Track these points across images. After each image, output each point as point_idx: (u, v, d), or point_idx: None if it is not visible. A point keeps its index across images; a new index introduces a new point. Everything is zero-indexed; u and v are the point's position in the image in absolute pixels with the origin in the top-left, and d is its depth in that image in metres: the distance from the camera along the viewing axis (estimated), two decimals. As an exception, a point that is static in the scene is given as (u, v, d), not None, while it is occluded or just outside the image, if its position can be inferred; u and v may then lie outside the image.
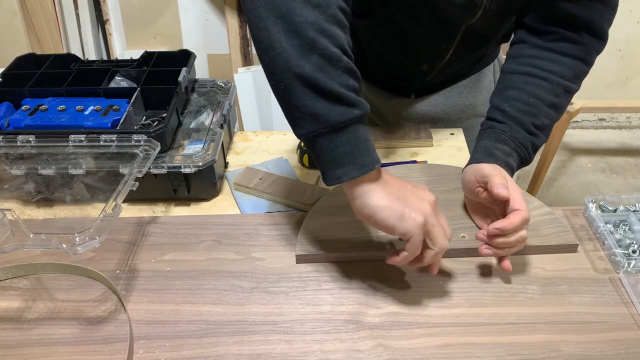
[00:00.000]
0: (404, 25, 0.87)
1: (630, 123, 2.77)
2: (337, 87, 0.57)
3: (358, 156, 0.58)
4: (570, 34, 0.76)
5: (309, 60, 0.56)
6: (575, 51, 0.76)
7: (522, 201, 0.67)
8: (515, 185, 0.69)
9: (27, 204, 0.85)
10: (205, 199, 0.87)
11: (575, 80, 0.76)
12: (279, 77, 0.58)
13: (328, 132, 0.58)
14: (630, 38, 2.45)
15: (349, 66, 0.58)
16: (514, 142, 0.74)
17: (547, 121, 0.75)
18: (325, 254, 0.72)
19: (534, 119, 0.74)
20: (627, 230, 0.77)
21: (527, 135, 0.74)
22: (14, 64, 0.97)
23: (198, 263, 0.73)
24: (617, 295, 0.68)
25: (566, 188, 2.38)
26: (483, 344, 0.62)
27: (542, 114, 0.74)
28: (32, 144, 0.79)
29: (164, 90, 0.90)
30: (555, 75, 0.75)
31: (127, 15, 2.22)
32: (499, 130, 0.75)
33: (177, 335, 0.63)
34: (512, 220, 0.65)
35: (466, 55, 0.96)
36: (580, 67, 0.76)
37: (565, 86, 0.75)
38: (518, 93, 0.76)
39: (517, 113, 0.75)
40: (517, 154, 0.74)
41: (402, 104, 1.07)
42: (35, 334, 0.64)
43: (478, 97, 1.07)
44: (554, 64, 0.76)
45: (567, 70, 0.75)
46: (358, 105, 0.58)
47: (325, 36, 0.57)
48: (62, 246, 0.59)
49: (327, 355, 0.61)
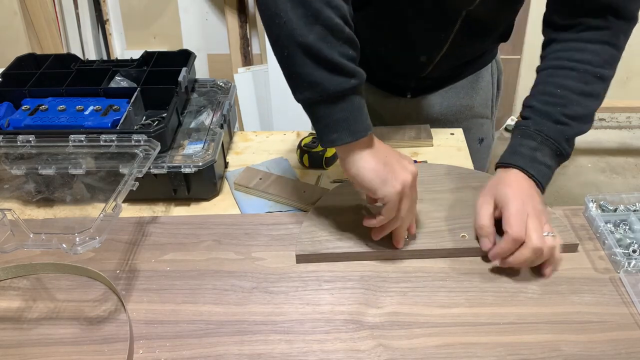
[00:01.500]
0: (402, 13, 0.87)
1: (630, 123, 2.77)
2: (337, 57, 0.60)
3: (352, 123, 0.63)
4: (596, 22, 0.74)
5: (312, 30, 0.59)
6: (602, 37, 0.75)
7: (514, 225, 0.67)
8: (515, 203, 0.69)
9: (27, 204, 0.85)
10: (205, 199, 0.87)
11: (605, 65, 0.75)
12: (282, 44, 0.61)
13: (326, 100, 0.62)
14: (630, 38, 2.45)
15: (350, 36, 0.62)
16: (540, 136, 0.73)
17: (581, 110, 0.74)
18: (325, 254, 0.72)
19: (564, 109, 0.73)
20: (628, 230, 0.77)
21: (554, 126, 0.73)
22: (14, 64, 0.97)
23: (198, 263, 0.73)
24: (617, 295, 0.68)
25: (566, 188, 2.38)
26: (483, 344, 0.62)
27: (573, 103, 0.73)
28: (32, 144, 0.79)
29: (164, 90, 0.90)
30: (582, 64, 0.74)
31: (127, 15, 2.22)
32: (523, 127, 0.75)
33: (177, 335, 0.63)
34: (502, 246, 0.68)
35: (464, 47, 0.96)
36: (609, 51, 0.75)
37: (595, 73, 0.74)
38: (545, 87, 0.76)
39: (543, 106, 0.74)
40: (547, 147, 0.73)
41: (399, 104, 1.07)
42: (35, 334, 0.64)
43: (475, 98, 1.06)
44: (580, 53, 0.75)
45: (595, 56, 0.74)
46: (356, 75, 0.62)
47: (330, 7, 0.60)
48: (62, 246, 0.59)
49: (327, 355, 0.61)
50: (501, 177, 0.73)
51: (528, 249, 0.66)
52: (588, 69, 0.74)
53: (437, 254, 0.73)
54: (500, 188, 0.71)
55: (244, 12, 2.13)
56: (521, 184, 0.71)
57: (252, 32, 2.18)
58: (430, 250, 0.73)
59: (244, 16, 2.14)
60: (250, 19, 2.16)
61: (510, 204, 0.68)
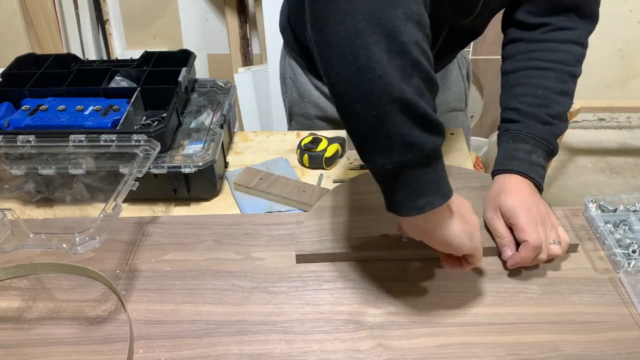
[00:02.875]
0: None
1: (630, 123, 2.77)
2: (430, 112, 0.52)
3: (441, 185, 0.56)
4: (562, 22, 0.76)
5: (409, 83, 0.51)
6: (570, 36, 0.77)
7: (531, 233, 0.67)
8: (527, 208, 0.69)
9: (27, 204, 0.85)
10: (205, 199, 0.87)
11: (576, 64, 0.77)
12: (371, 102, 0.51)
13: (420, 162, 0.54)
14: (630, 38, 2.45)
15: (437, 87, 0.55)
16: (533, 139, 0.74)
17: (560, 109, 0.75)
18: (325, 254, 0.72)
19: (547, 109, 0.74)
20: (627, 230, 0.77)
21: (543, 127, 0.74)
22: (14, 64, 0.97)
23: (198, 263, 0.73)
24: (617, 295, 0.68)
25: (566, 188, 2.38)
26: (483, 344, 0.62)
27: (554, 103, 0.75)
28: (32, 144, 0.79)
29: (164, 90, 0.90)
30: (557, 64, 0.76)
31: (127, 15, 2.22)
32: (515, 131, 0.75)
33: (177, 335, 0.63)
34: (522, 255, 0.68)
35: (446, 56, 0.96)
36: (578, 50, 0.77)
37: (570, 72, 0.76)
38: (525, 88, 0.76)
39: (529, 108, 0.75)
40: (541, 149, 0.74)
41: None
42: (35, 334, 0.64)
43: (448, 93, 1.07)
44: (554, 53, 0.76)
45: (567, 56, 0.76)
46: (443, 130, 0.55)
47: (425, 57, 0.52)
48: (62, 246, 0.59)
49: (327, 355, 0.61)
50: (502, 185, 0.73)
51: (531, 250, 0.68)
52: (564, 68, 0.76)
53: (437, 254, 0.73)
54: (503, 198, 0.71)
55: (244, 12, 2.13)
56: (523, 189, 0.71)
57: (252, 32, 2.18)
58: (430, 251, 0.72)
59: (244, 16, 2.14)
60: (250, 19, 2.16)
61: (520, 215, 0.68)
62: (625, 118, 2.76)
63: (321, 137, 0.94)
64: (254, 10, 2.13)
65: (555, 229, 0.71)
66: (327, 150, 0.92)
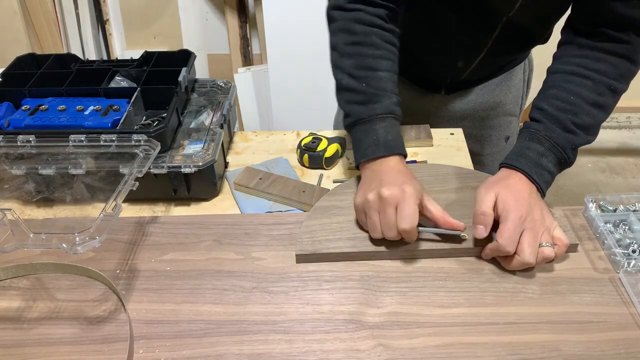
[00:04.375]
0: (443, 17, 0.87)
1: (630, 123, 2.77)
2: None
3: (379, 145, 0.76)
4: (617, 34, 0.74)
5: None
6: (620, 49, 0.74)
7: (506, 237, 0.67)
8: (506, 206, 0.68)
9: (27, 204, 0.85)
10: (205, 199, 0.87)
11: (620, 79, 0.75)
12: None
13: None
14: (630, 38, 2.45)
15: None
16: (548, 142, 0.73)
17: (589, 120, 0.73)
18: (325, 254, 0.72)
19: (574, 117, 0.73)
20: (627, 230, 0.77)
21: (563, 134, 0.73)
22: (14, 64, 0.97)
23: (198, 263, 0.73)
24: (617, 295, 0.68)
25: (566, 188, 2.38)
26: (483, 344, 0.62)
27: (584, 113, 0.73)
28: (32, 144, 0.79)
29: (164, 90, 0.90)
30: (598, 74, 0.74)
31: (127, 15, 2.23)
32: (533, 129, 0.74)
33: (177, 335, 0.63)
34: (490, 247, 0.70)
35: (502, 54, 0.95)
36: (626, 65, 0.75)
37: (610, 85, 0.74)
38: (558, 91, 0.75)
39: (555, 111, 0.74)
40: (553, 154, 0.73)
41: (433, 101, 1.07)
42: (35, 333, 0.64)
43: (508, 96, 1.06)
44: (598, 63, 0.74)
45: (612, 68, 0.74)
46: None
47: None
48: (62, 246, 0.59)
49: (327, 355, 0.61)
50: (503, 177, 0.72)
51: (518, 262, 0.68)
52: (603, 80, 0.74)
53: (436, 254, 0.73)
54: (502, 191, 0.70)
55: (244, 12, 2.13)
56: (523, 189, 0.70)
57: (252, 32, 2.18)
58: (430, 250, 0.73)
59: (244, 16, 2.14)
60: (250, 19, 2.16)
61: (510, 216, 0.67)
62: (625, 118, 2.76)
63: (321, 137, 0.94)
64: (254, 10, 2.13)
65: (548, 232, 0.69)
66: (327, 150, 0.92)
